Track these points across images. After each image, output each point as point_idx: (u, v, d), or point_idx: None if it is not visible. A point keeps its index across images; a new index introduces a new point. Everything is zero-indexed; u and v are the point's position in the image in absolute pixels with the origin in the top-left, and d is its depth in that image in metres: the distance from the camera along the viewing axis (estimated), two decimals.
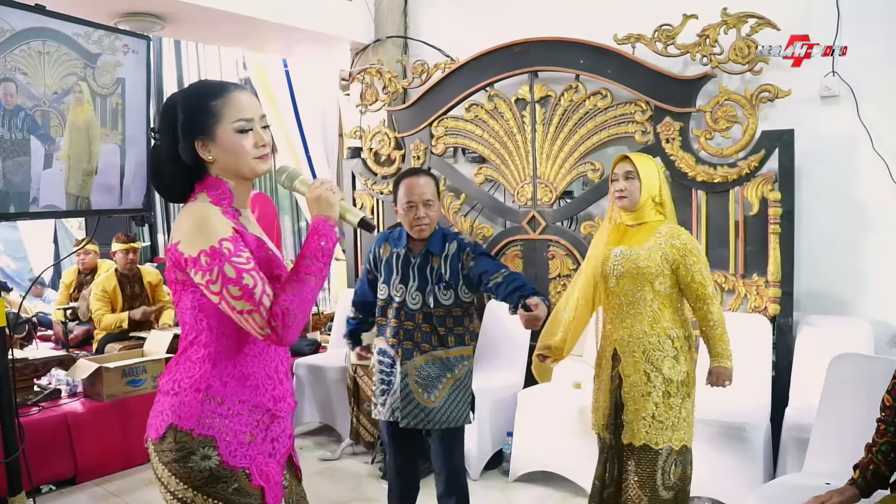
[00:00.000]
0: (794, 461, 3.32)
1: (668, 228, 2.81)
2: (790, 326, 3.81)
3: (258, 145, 1.71)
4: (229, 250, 1.57)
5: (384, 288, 2.98)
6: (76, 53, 3.10)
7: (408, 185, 2.90)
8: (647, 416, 2.75)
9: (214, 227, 1.60)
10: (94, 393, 4.36)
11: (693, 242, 2.79)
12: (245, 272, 1.56)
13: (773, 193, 3.76)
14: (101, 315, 5.47)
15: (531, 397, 4.02)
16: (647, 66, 4.10)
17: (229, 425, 1.64)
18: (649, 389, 2.76)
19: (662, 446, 2.73)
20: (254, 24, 4.73)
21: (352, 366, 4.43)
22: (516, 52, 4.53)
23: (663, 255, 2.76)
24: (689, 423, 2.79)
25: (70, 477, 4.14)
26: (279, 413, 1.74)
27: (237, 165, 1.71)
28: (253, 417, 1.67)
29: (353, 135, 5.36)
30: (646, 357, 2.77)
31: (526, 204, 4.59)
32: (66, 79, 3.06)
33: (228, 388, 1.65)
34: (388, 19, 5.41)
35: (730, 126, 3.90)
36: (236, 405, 1.65)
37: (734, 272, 3.95)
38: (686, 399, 2.77)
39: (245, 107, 1.70)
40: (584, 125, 4.33)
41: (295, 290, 1.58)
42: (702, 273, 2.76)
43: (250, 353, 1.69)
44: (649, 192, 2.81)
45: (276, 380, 1.74)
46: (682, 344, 2.78)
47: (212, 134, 1.68)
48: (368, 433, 4.43)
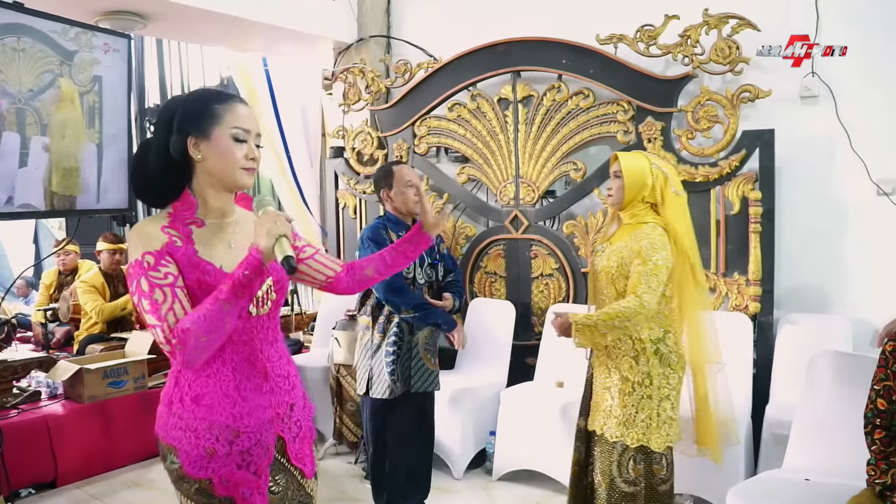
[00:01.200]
0: (774, 457, 3.34)
1: (643, 230, 2.74)
2: (771, 324, 3.84)
3: (248, 157, 1.72)
4: (149, 264, 1.63)
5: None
6: (52, 51, 3.07)
7: (402, 169, 3.40)
8: (605, 409, 2.78)
9: (143, 240, 1.66)
10: (74, 395, 4.32)
11: (651, 247, 2.68)
12: (157, 287, 1.61)
13: (753, 193, 3.79)
14: (99, 306, 5.43)
15: (514, 396, 4.03)
16: (629, 66, 4.12)
17: (188, 439, 1.70)
18: (608, 384, 2.79)
19: (616, 440, 2.73)
20: (235, 22, 4.70)
21: (335, 366, 4.42)
22: (499, 51, 4.54)
23: (622, 258, 2.75)
24: (651, 426, 2.70)
25: (50, 480, 4.08)
26: (245, 429, 1.73)
27: (223, 171, 1.72)
28: (212, 433, 1.71)
29: (336, 134, 5.35)
30: (608, 352, 2.79)
31: (508, 203, 4.60)
32: (42, 76, 3.03)
33: (185, 406, 1.72)
34: (371, 19, 5.40)
35: (711, 126, 3.92)
36: (193, 422, 1.71)
37: (715, 271, 3.97)
38: (644, 400, 2.70)
39: (245, 118, 1.73)
40: (567, 125, 4.34)
41: (201, 313, 1.58)
42: (639, 274, 2.68)
43: (205, 373, 1.72)
44: (634, 192, 2.78)
45: (235, 398, 1.73)
46: (644, 346, 2.72)
47: (207, 133, 1.70)
48: (352, 433, 4.42)
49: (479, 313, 4.58)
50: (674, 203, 2.80)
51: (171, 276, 1.63)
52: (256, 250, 1.59)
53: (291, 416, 1.84)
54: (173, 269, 1.65)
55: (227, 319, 1.59)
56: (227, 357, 1.73)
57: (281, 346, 1.86)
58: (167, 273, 1.63)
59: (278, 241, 1.59)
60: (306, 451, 1.89)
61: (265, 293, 1.78)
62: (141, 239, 1.66)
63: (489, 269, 4.73)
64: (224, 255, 1.73)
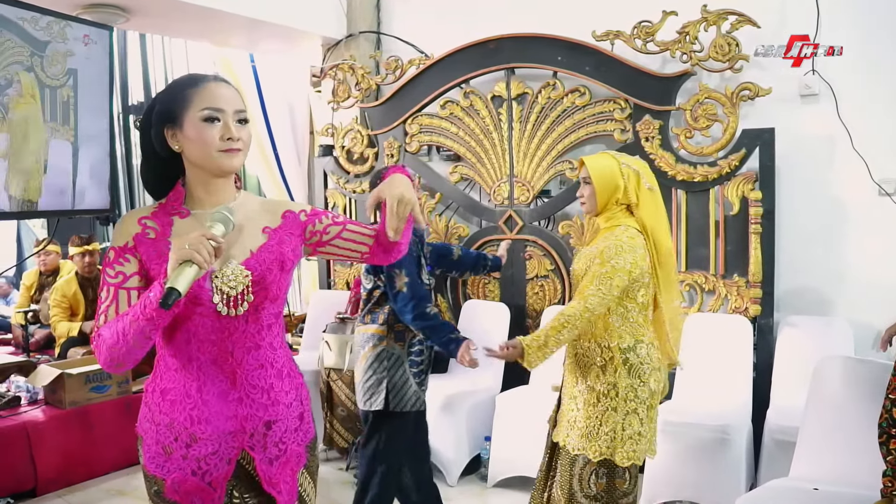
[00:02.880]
0: (776, 464, 3.28)
1: (613, 233, 2.61)
2: (771, 327, 3.78)
3: (224, 137, 1.59)
4: (108, 259, 1.61)
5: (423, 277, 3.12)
6: (21, 40, 2.85)
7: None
8: (570, 420, 2.67)
9: (116, 234, 1.64)
10: (55, 400, 4.19)
11: (611, 251, 2.54)
12: (106, 285, 1.59)
13: (753, 193, 3.73)
14: (57, 322, 5.31)
15: (509, 401, 3.95)
16: (626, 63, 4.04)
17: (150, 432, 1.66)
18: (574, 393, 2.68)
19: (578, 453, 2.61)
20: (219, 17, 4.58)
21: (325, 369, 4.32)
22: (492, 48, 4.46)
23: (591, 261, 2.62)
24: (617, 439, 2.55)
25: (30, 489, 3.95)
26: (201, 435, 1.62)
27: (200, 158, 1.61)
28: (172, 432, 1.63)
29: (325, 132, 5.25)
30: (577, 360, 2.68)
31: (502, 203, 4.51)
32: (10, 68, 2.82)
33: (153, 397, 1.67)
34: (361, 14, 5.29)
35: (710, 124, 3.86)
36: (158, 415, 1.65)
37: (714, 272, 3.91)
38: (609, 412, 2.56)
39: (216, 96, 1.60)
40: (562, 123, 4.26)
41: (115, 323, 1.52)
42: (593, 276, 2.54)
43: (173, 367, 1.65)
44: (607, 196, 2.64)
45: (196, 399, 1.62)
46: (613, 356, 2.59)
47: (180, 121, 1.59)
48: (342, 438, 4.32)
49: (473, 316, 4.49)
50: (648, 200, 2.66)
51: (121, 275, 1.58)
52: (163, 274, 1.50)
53: (268, 434, 1.68)
54: (127, 269, 1.59)
55: (133, 338, 1.49)
56: (193, 354, 1.63)
57: (264, 355, 1.68)
58: (119, 272, 1.58)
59: (180, 267, 1.45)
60: (285, 477, 1.71)
61: (240, 293, 1.61)
62: (115, 232, 1.65)
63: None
64: None
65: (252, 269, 1.63)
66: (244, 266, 1.63)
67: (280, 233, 1.72)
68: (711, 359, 3.73)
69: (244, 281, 1.62)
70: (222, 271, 1.60)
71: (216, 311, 1.60)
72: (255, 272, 1.63)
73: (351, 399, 4.23)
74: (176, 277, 1.43)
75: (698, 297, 3.97)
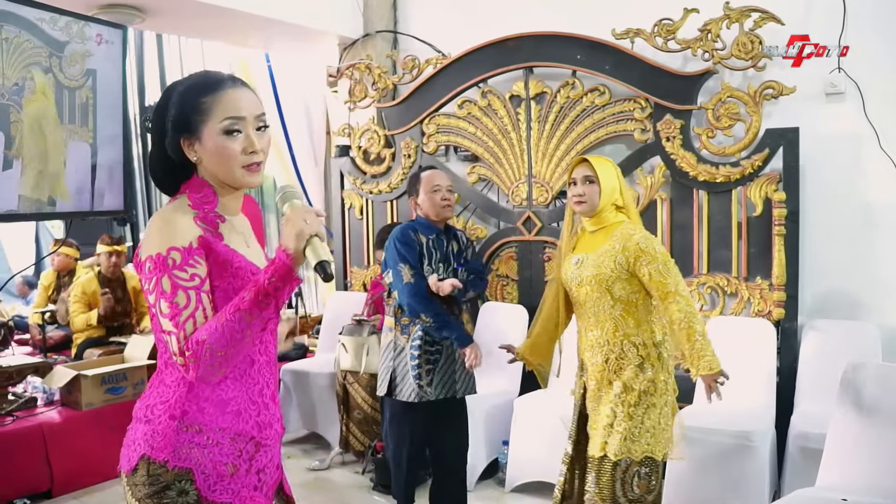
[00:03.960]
0: (801, 472, 3.20)
1: (623, 231, 2.67)
2: (795, 331, 3.70)
3: (247, 151, 1.50)
4: (174, 262, 1.43)
5: (428, 270, 3.26)
6: (39, 40, 2.79)
7: (430, 174, 3.36)
8: (605, 426, 2.63)
9: (171, 233, 1.45)
10: (71, 401, 4.18)
11: (647, 241, 2.62)
12: (182, 289, 1.42)
13: (777, 193, 3.65)
14: (75, 316, 5.29)
15: (527, 405, 3.89)
16: (647, 61, 3.97)
17: (209, 456, 1.48)
18: (608, 399, 2.65)
19: (620, 457, 2.59)
20: (235, 16, 4.56)
21: (341, 372, 4.28)
22: (510, 47, 4.40)
23: (616, 260, 2.63)
24: (657, 435, 2.61)
25: (46, 490, 3.94)
26: (265, 441, 1.56)
27: (222, 173, 1.53)
28: (235, 447, 1.51)
29: (342, 132, 5.21)
30: (608, 366, 2.67)
31: (521, 204, 4.45)
32: (29, 68, 2.77)
33: (206, 414, 1.49)
34: (377, 13, 5.25)
35: (732, 124, 3.78)
36: (216, 433, 1.49)
37: (737, 275, 3.83)
38: (650, 409, 2.61)
39: (236, 103, 1.51)
40: (581, 123, 4.20)
41: (220, 323, 1.39)
42: (659, 271, 2.59)
43: (230, 376, 1.52)
44: (609, 197, 2.71)
45: (260, 405, 1.56)
46: (649, 352, 2.64)
47: (198, 133, 1.51)
48: (358, 442, 4.28)
49: (491, 318, 4.43)
50: (633, 204, 2.84)
51: (197, 277, 1.44)
52: (285, 254, 1.39)
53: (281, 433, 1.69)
54: (201, 271, 1.45)
55: (247, 332, 1.39)
56: (255, 356, 1.55)
57: None
58: (194, 275, 1.44)
59: (310, 242, 1.39)
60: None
61: None
62: (167, 231, 1.46)
63: (501, 272, 4.59)
64: (247, 252, 1.57)
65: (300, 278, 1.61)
66: None
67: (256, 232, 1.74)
68: (733, 363, 3.59)
69: None
70: None
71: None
72: None
73: (367, 402, 4.20)
74: (316, 252, 1.38)
75: (720, 299, 3.90)
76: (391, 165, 4.95)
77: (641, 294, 2.67)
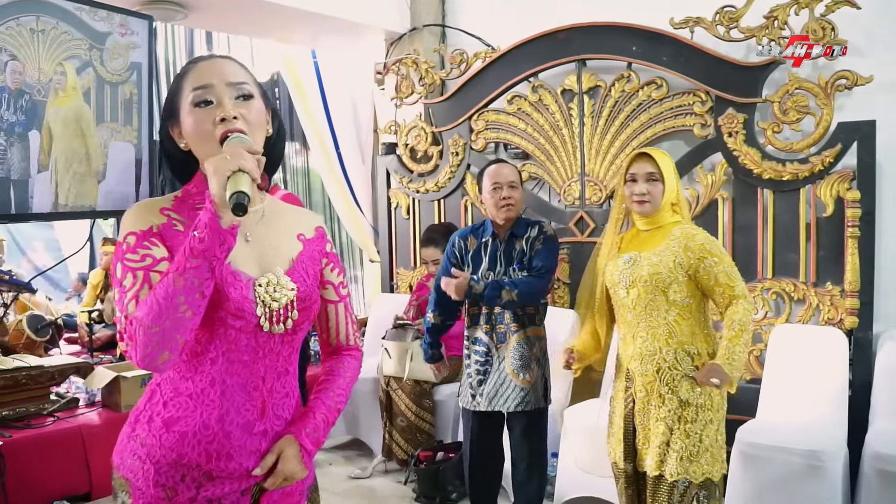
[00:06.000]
0: (876, 496, 2.96)
1: (682, 230, 2.51)
2: (869, 341, 3.44)
3: (217, 120, 1.34)
4: (128, 245, 1.32)
5: (473, 279, 3.10)
6: (80, 32, 2.62)
7: (492, 170, 3.19)
8: (660, 444, 2.46)
9: (128, 221, 1.35)
10: (111, 403, 4.12)
11: (711, 242, 2.49)
12: (129, 271, 1.29)
13: (850, 192, 3.40)
14: None
15: (577, 416, 3.69)
16: (708, 51, 3.75)
17: (146, 471, 1.37)
18: (662, 413, 2.47)
19: (678, 478, 2.42)
20: (280, 11, 4.48)
21: (384, 377, 4.15)
22: (562, 39, 4.22)
23: (676, 259, 2.46)
24: (716, 454, 2.47)
25: (85, 492, 3.89)
26: (219, 473, 1.38)
27: (203, 152, 1.37)
28: (177, 471, 1.37)
29: (388, 130, 5.10)
30: (660, 376, 2.48)
31: (573, 203, 4.26)
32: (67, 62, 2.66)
33: (152, 428, 1.38)
34: (424, 6, 5.12)
35: (801, 118, 3.54)
36: (156, 451, 1.37)
37: (804, 280, 3.59)
38: (708, 426, 2.45)
39: (203, 73, 1.37)
40: (637, 118, 4.00)
41: (151, 297, 1.24)
42: (727, 273, 2.45)
43: (185, 393, 1.38)
44: (670, 196, 2.55)
45: (216, 432, 1.37)
46: (704, 362, 2.45)
47: (177, 115, 1.39)
48: (402, 450, 4.13)
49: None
50: (685, 201, 2.75)
51: (149, 258, 1.31)
52: (208, 199, 1.23)
53: None
54: (156, 253, 1.32)
55: (180, 299, 1.22)
56: (216, 376, 1.37)
57: (290, 383, 1.49)
58: (145, 255, 1.31)
59: (232, 177, 1.22)
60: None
61: (285, 307, 1.40)
62: (129, 218, 1.36)
63: None
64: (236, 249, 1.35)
65: (297, 281, 1.43)
66: (288, 276, 1.43)
67: (313, 246, 1.52)
68: (801, 374, 3.41)
69: (289, 294, 1.41)
70: (265, 279, 1.39)
71: (256, 327, 1.38)
72: (301, 286, 1.43)
73: (411, 409, 4.06)
74: (235, 184, 1.21)
75: (786, 306, 3.65)
76: (438, 163, 4.81)
77: (696, 299, 2.50)
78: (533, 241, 3.16)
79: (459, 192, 4.73)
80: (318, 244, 1.53)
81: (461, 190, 4.72)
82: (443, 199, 4.81)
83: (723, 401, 2.51)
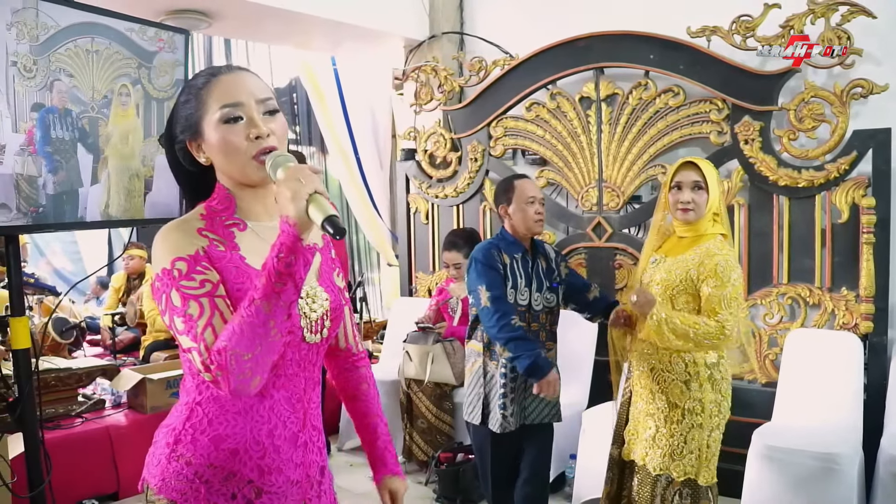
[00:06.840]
0: (892, 500, 2.99)
1: (709, 246, 2.52)
2: (885, 345, 3.48)
3: (251, 137, 1.33)
4: (180, 272, 1.28)
5: (511, 294, 3.01)
6: (129, 51, 2.70)
7: (525, 183, 3.14)
8: (647, 438, 2.57)
9: (173, 245, 1.32)
10: (137, 404, 4.21)
11: (726, 267, 2.46)
12: (192, 299, 1.26)
13: (865, 199, 3.44)
14: (156, 315, 5.34)
15: (596, 417, 3.75)
16: (724, 60, 3.80)
17: (196, 491, 1.35)
18: (651, 410, 2.58)
19: (660, 473, 2.52)
20: (301, 19, 4.55)
21: (405, 380, 4.22)
22: (580, 47, 4.27)
23: (689, 273, 2.51)
24: (703, 458, 2.52)
25: (113, 492, 3.98)
26: (269, 488, 1.38)
27: (232, 169, 1.37)
28: (227, 489, 1.35)
29: (407, 136, 5.15)
30: (653, 375, 2.57)
31: (591, 209, 4.31)
32: (118, 80, 2.73)
33: (199, 446, 1.35)
34: (443, 14, 5.18)
35: (816, 125, 3.58)
36: (206, 470, 1.35)
37: (820, 285, 3.63)
38: (695, 429, 2.50)
39: (231, 87, 1.35)
40: (655, 125, 4.04)
41: (236, 324, 1.22)
42: (720, 299, 2.44)
43: (233, 409, 1.36)
44: (713, 206, 2.57)
45: (266, 446, 1.37)
46: (698, 370, 2.51)
47: (200, 130, 1.37)
48: (422, 451, 4.20)
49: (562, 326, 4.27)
50: (725, 211, 2.70)
51: (209, 283, 1.28)
52: (287, 223, 1.20)
53: (322, 482, 1.50)
54: (212, 277, 1.30)
55: (270, 324, 1.21)
56: (265, 391, 1.37)
57: (318, 393, 1.49)
58: (204, 281, 1.28)
59: (311, 199, 1.20)
60: None
61: (321, 317, 1.42)
62: (169, 243, 1.32)
63: None
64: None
65: (328, 291, 1.45)
66: (321, 286, 1.46)
67: (326, 254, 1.54)
68: (816, 378, 3.46)
69: (324, 304, 1.44)
70: (304, 291, 1.40)
71: (301, 339, 1.39)
72: (332, 295, 1.46)
73: (431, 411, 4.12)
74: (321, 209, 1.19)
75: (801, 311, 3.69)
76: (457, 169, 4.87)
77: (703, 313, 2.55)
78: (554, 262, 3.14)
79: (478, 197, 4.78)
80: (327, 251, 1.56)
81: (480, 195, 4.77)
82: (461, 205, 4.87)
83: (718, 409, 2.53)
